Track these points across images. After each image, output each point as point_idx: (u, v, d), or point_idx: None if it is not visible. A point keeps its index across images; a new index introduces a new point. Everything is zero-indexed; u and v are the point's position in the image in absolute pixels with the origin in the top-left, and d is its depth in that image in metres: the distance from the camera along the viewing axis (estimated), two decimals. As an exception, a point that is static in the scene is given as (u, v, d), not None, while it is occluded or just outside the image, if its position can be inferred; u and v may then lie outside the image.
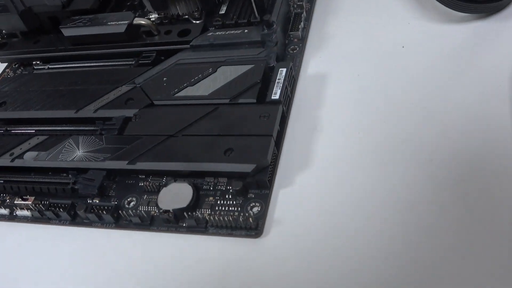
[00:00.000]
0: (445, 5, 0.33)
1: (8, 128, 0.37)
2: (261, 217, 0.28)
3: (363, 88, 0.33)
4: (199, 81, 0.34)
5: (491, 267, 0.23)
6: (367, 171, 0.29)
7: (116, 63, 0.39)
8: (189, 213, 0.28)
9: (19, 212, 0.32)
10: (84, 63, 0.40)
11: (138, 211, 0.30)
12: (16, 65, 0.43)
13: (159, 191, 0.30)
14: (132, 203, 0.31)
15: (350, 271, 0.25)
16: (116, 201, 0.31)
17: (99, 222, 0.30)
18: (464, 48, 0.33)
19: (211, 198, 0.29)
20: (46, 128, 0.35)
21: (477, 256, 0.24)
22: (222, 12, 0.39)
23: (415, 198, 0.27)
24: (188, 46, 0.37)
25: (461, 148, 0.28)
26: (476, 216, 0.25)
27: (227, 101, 0.32)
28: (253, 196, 0.29)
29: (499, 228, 0.25)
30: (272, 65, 0.34)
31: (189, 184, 0.29)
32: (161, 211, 0.29)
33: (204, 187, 0.30)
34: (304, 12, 0.38)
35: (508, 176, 0.26)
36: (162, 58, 0.38)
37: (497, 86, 0.30)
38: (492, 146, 0.28)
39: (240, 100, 0.32)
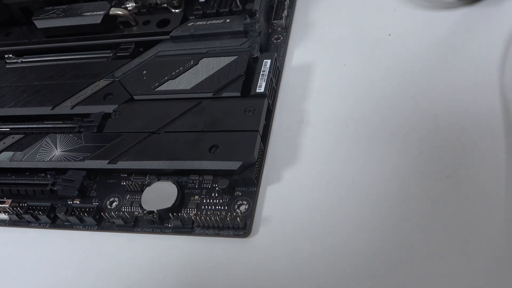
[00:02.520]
0: (432, -9, 0.33)
1: (-20, 127, 0.35)
2: (249, 216, 0.27)
3: (350, 78, 0.32)
4: (181, 74, 0.32)
5: (483, 260, 0.23)
6: (356, 164, 0.28)
7: (93, 56, 0.37)
8: (174, 214, 0.27)
9: (-5, 216, 0.31)
10: (59, 55, 0.38)
11: (121, 212, 0.28)
12: (-13, 59, 0.41)
13: (142, 190, 0.29)
14: (114, 204, 0.29)
15: (342, 268, 0.25)
16: (97, 202, 0.30)
17: (81, 224, 0.29)
18: (452, 35, 0.32)
19: (196, 197, 0.28)
20: (21, 126, 0.34)
21: (469, 249, 0.24)
22: (202, 0, 0.38)
23: (405, 191, 0.26)
24: (168, 37, 0.35)
25: (452, 138, 0.27)
26: (468, 208, 0.25)
27: (210, 95, 0.31)
28: (240, 193, 0.28)
29: (491, 220, 0.24)
30: (255, 55, 0.33)
31: (173, 183, 0.28)
32: (145, 212, 0.28)
33: (189, 185, 0.29)
34: (287, -1, 0.37)
35: (498, 166, 0.26)
36: (141, 49, 0.36)
37: (486, 74, 0.29)
38: (483, 136, 0.27)
39: (224, 94, 0.31)
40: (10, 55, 0.40)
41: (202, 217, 0.27)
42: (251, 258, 0.26)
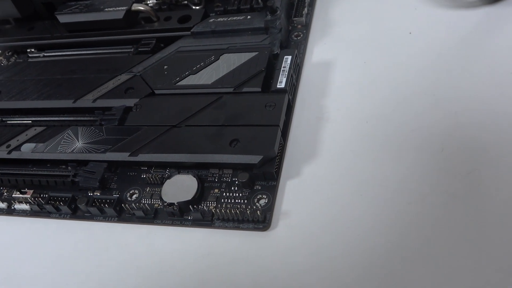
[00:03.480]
0: (454, -10, 0.33)
1: (3, 119, 0.35)
2: (268, 210, 0.27)
3: (370, 75, 0.32)
4: (201, 69, 0.33)
5: (503, 257, 0.23)
6: (375, 160, 0.28)
7: (114, 51, 0.38)
8: (195, 206, 0.28)
9: (17, 206, 0.31)
10: (81, 50, 0.39)
11: (141, 204, 0.29)
12: (10, 53, 0.42)
13: (162, 183, 0.29)
14: (134, 196, 0.30)
15: (360, 263, 0.25)
16: (118, 194, 0.30)
17: (101, 215, 0.30)
18: (472, 34, 0.32)
19: (216, 190, 0.29)
20: (43, 119, 0.34)
21: (489, 246, 0.23)
22: (223, -3, 0.38)
23: (425, 188, 0.26)
24: (189, 33, 0.36)
25: (473, 136, 0.27)
26: (488, 205, 0.25)
27: (231, 90, 0.31)
28: (259, 188, 0.28)
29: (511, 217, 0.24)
30: (276, 52, 0.33)
31: (194, 176, 0.29)
32: (165, 204, 0.28)
33: (209, 179, 0.29)
34: (308, -3, 0.37)
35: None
36: (162, 45, 0.37)
37: (507, 72, 0.29)
38: (503, 133, 0.27)
39: (245, 89, 0.31)
40: (33, 49, 0.40)
41: (222, 210, 0.27)
42: (270, 251, 0.26)
